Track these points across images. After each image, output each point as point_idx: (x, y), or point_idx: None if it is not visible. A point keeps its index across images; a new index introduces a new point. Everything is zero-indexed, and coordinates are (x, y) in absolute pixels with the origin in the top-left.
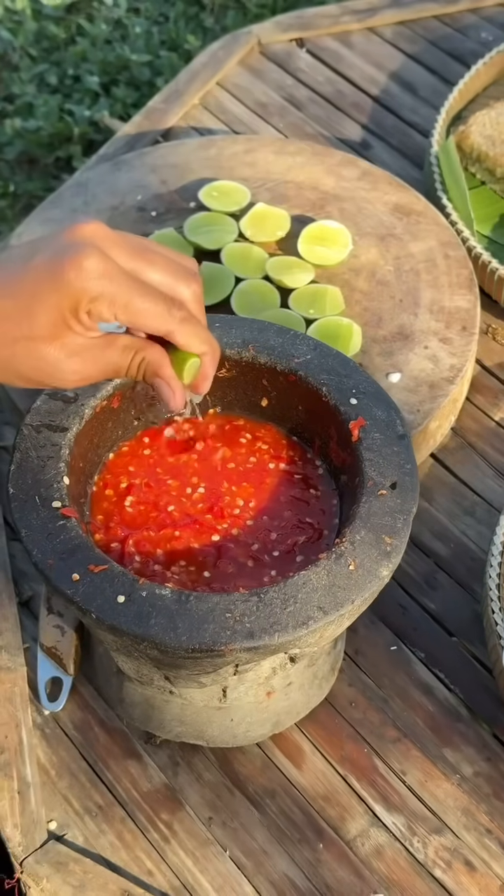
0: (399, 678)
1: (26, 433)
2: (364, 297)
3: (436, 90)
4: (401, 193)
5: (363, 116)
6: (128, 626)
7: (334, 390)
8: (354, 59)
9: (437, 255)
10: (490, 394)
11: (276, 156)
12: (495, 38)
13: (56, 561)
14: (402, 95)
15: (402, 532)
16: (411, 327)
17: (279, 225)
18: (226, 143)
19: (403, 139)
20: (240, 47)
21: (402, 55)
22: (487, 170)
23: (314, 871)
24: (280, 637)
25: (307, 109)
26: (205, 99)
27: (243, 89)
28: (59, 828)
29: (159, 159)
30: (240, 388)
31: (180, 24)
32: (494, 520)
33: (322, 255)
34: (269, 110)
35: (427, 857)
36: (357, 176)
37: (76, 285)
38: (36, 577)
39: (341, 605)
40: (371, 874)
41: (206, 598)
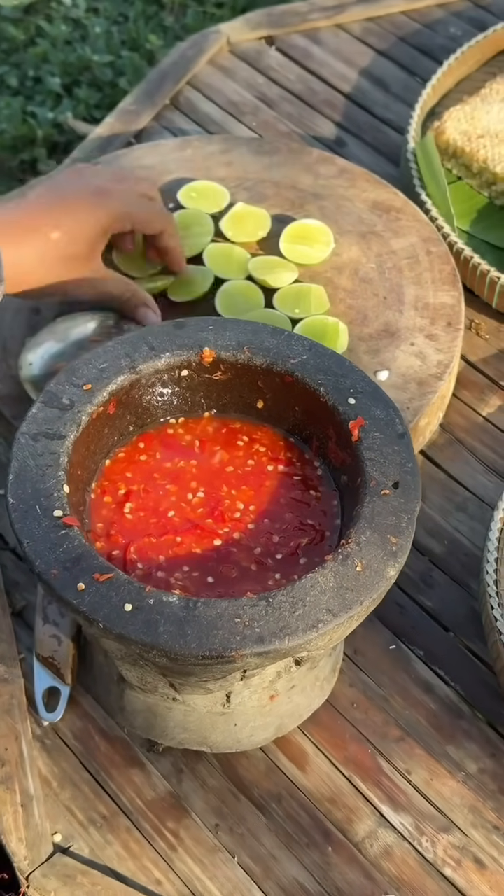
0: (399, 677)
1: (23, 442)
2: (348, 296)
3: (407, 86)
4: (379, 190)
5: (336, 114)
6: (136, 634)
7: (332, 390)
8: (324, 56)
9: (420, 252)
10: (476, 389)
11: (253, 155)
12: (464, 32)
13: (60, 571)
14: (374, 92)
15: (406, 531)
16: (397, 324)
17: (260, 224)
18: (201, 143)
19: (377, 136)
20: (209, 46)
21: (372, 51)
22: (464, 165)
23: (324, 875)
24: (290, 641)
25: (279, 108)
26: (176, 99)
27: (214, 89)
28: (65, 840)
29: (135, 161)
30: (235, 391)
31: (140, 23)
32: (487, 515)
33: (304, 254)
34: (241, 109)
35: (436, 857)
36: (335, 174)
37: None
38: (28, 586)
39: (350, 606)
40: (381, 875)
41: (214, 604)
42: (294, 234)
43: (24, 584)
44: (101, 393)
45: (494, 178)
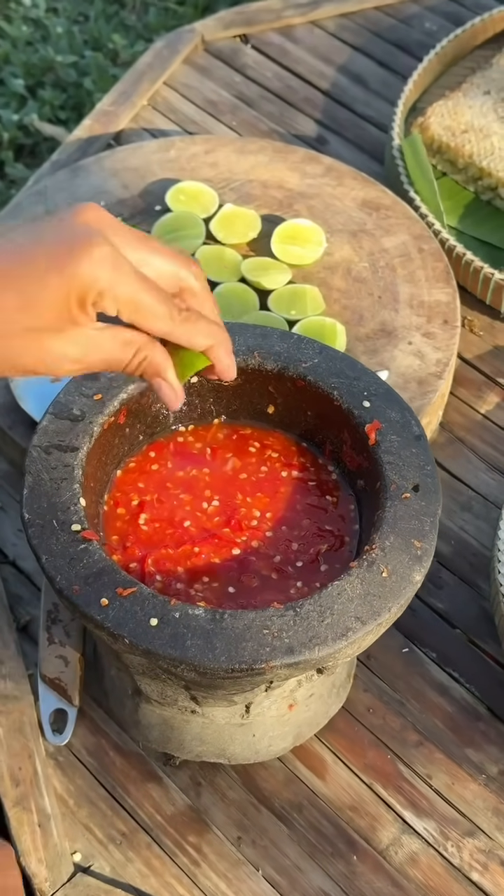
0: (414, 680)
1: (35, 455)
2: (342, 296)
3: (386, 82)
4: (367, 188)
5: (316, 112)
6: (164, 649)
7: (346, 393)
8: (300, 53)
9: (411, 249)
10: (473, 386)
11: (238, 155)
12: (439, 27)
13: (82, 587)
14: (353, 89)
15: (430, 535)
16: (393, 323)
17: (250, 225)
18: (185, 144)
19: (359, 133)
20: (184, 45)
21: (348, 48)
22: (449, 161)
23: (350, 885)
24: (320, 651)
25: (259, 106)
26: (153, 99)
27: (192, 88)
28: (84, 859)
29: (118, 163)
30: (245, 396)
31: (101, 22)
32: (492, 514)
33: (297, 255)
34: (220, 108)
35: (462, 861)
36: (321, 172)
37: (86, 276)
38: (32, 600)
39: (378, 613)
40: (408, 883)
41: (241, 616)
42: (285, 234)
43: (27, 599)
44: (112, 402)
45: (480, 174)
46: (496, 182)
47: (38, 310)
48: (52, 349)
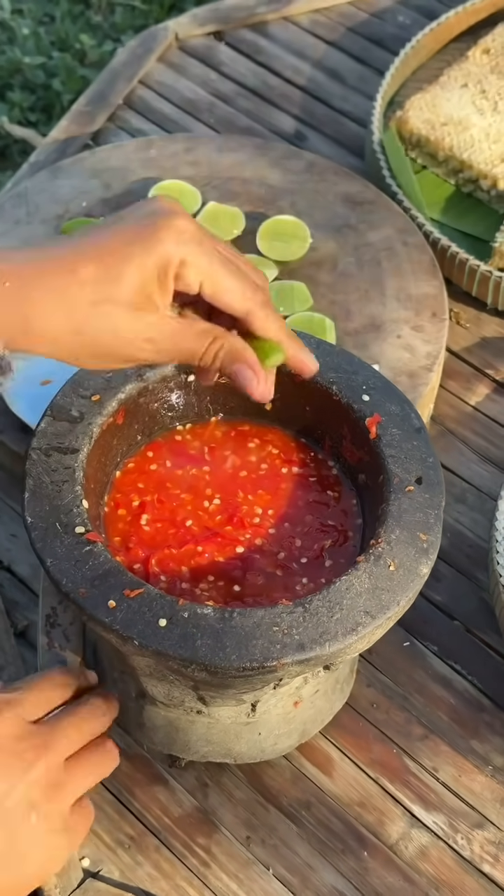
0: (416, 674)
1: (35, 458)
2: (329, 291)
3: (362, 77)
4: (350, 183)
5: (294, 107)
6: (174, 650)
7: (344, 388)
8: (275, 49)
9: (396, 243)
10: (462, 378)
11: (218, 153)
12: (413, 21)
13: (88, 589)
14: (330, 84)
15: (435, 527)
16: (381, 317)
17: (234, 223)
18: (165, 143)
19: (338, 128)
20: (158, 44)
21: (323, 43)
22: (429, 154)
23: (362, 881)
24: (331, 646)
25: (236, 103)
26: (129, 99)
27: (167, 87)
28: (93, 864)
29: (98, 163)
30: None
31: (67, 23)
32: (487, 506)
33: (282, 251)
34: (197, 106)
35: (473, 854)
36: (303, 168)
37: (169, 245)
38: (28, 605)
39: (387, 607)
40: (419, 877)
41: (250, 614)
42: (270, 230)
43: (23, 604)
44: (111, 403)
45: (461, 166)
46: (477, 174)
47: (119, 282)
48: (127, 326)
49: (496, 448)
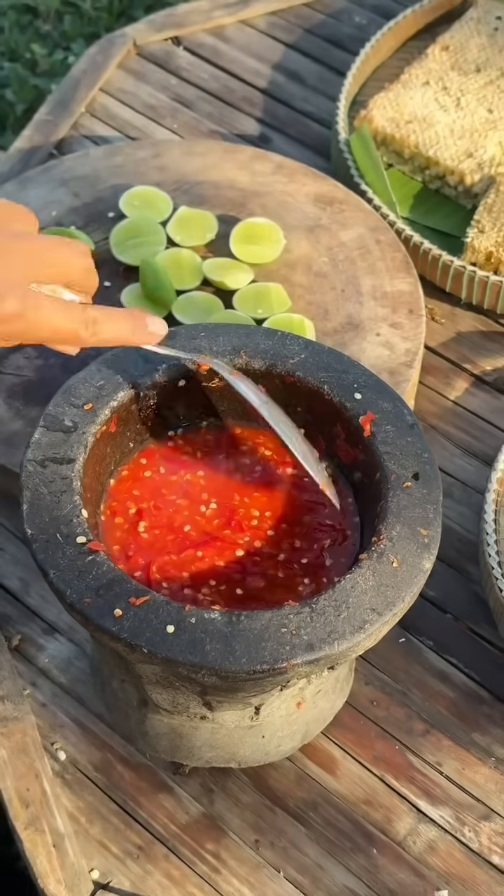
0: (414, 669)
1: (31, 469)
2: (305, 292)
3: (322, 77)
4: (319, 183)
5: (256, 110)
6: (183, 656)
7: (336, 387)
8: (234, 53)
9: (369, 241)
10: (440, 374)
11: (186, 157)
12: (369, 21)
13: (94, 599)
14: (291, 85)
15: (435, 522)
16: (359, 316)
17: (206, 227)
18: (131, 149)
19: (302, 129)
20: (117, 51)
21: (281, 45)
22: (395, 152)
23: (373, 878)
24: (340, 645)
25: (198, 108)
26: (91, 106)
27: (129, 93)
28: (103, 876)
29: (66, 172)
30: (233, 397)
31: (15, 33)
32: (473, 499)
33: (257, 254)
34: (159, 112)
35: (482, 846)
36: (271, 170)
37: None
38: (21, 618)
39: (393, 604)
40: (429, 871)
41: (257, 616)
42: (243, 233)
43: (15, 617)
44: (103, 411)
45: (427, 163)
46: (443, 170)
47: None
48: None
49: (478, 441)
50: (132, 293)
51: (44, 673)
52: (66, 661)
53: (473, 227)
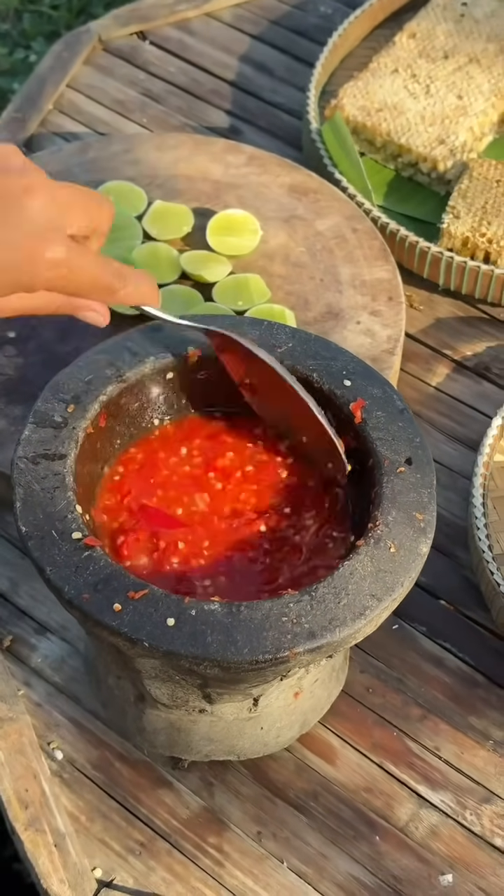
0: (408, 656)
1: (23, 467)
2: (284, 282)
3: (290, 68)
4: (293, 174)
5: (225, 103)
6: (185, 648)
7: (325, 375)
8: (201, 46)
9: (345, 230)
10: (421, 360)
11: (158, 151)
12: (335, 10)
13: (92, 594)
14: (259, 77)
15: (430, 506)
16: (339, 305)
17: (182, 220)
18: (103, 145)
19: (272, 121)
20: (82, 46)
21: (248, 37)
22: (367, 140)
23: (377, 865)
24: (341, 632)
25: (167, 102)
26: (59, 103)
27: (96, 89)
28: (106, 874)
29: None
30: (221, 388)
31: None
32: (459, 484)
33: (234, 245)
34: (128, 107)
35: (484, 829)
36: (244, 162)
37: None
38: (12, 619)
39: (392, 589)
40: (433, 856)
41: (258, 606)
42: (219, 225)
43: (6, 618)
44: (93, 405)
45: (400, 150)
46: (416, 157)
47: None
48: None
49: (461, 427)
50: None
51: (37, 673)
52: (58, 659)
53: (449, 213)
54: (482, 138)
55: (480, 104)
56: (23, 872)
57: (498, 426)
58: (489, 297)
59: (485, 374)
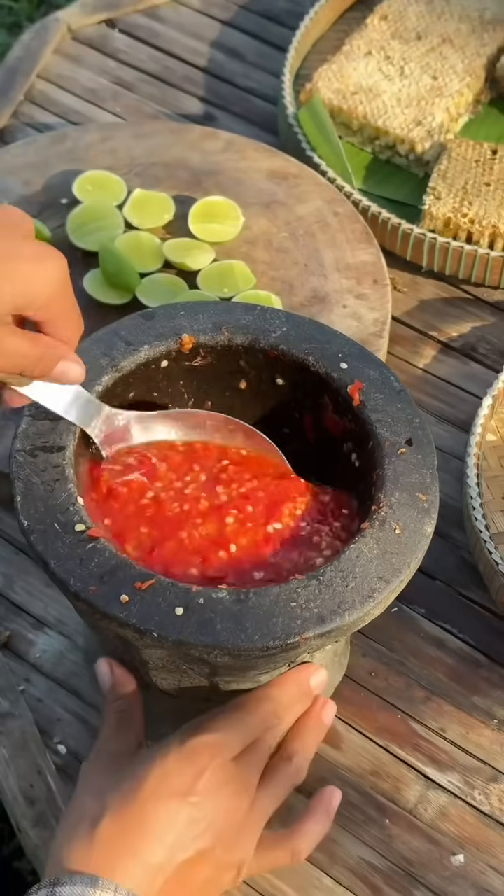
0: (409, 638)
1: (21, 460)
2: (268, 268)
3: (262, 53)
4: (272, 159)
5: (198, 89)
6: (195, 637)
7: (321, 358)
8: (171, 33)
9: (327, 214)
10: (408, 343)
11: (135, 139)
12: None
13: (98, 586)
14: (231, 63)
15: (432, 486)
16: (324, 289)
17: (164, 208)
18: (79, 134)
19: (246, 106)
20: (51, 36)
21: (218, 23)
22: (343, 123)
23: (388, 848)
24: (350, 615)
25: (139, 90)
26: (30, 94)
27: (67, 78)
28: None
29: (13, 160)
30: (217, 375)
31: None
32: (452, 465)
33: (216, 232)
34: (100, 96)
35: (493, 808)
36: (222, 148)
37: None
38: (8, 615)
39: (399, 570)
40: (443, 836)
41: (265, 592)
42: (201, 212)
43: (2, 614)
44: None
45: (377, 133)
46: (394, 139)
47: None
48: None
49: (451, 408)
50: (94, 279)
51: (36, 668)
52: (57, 654)
53: (429, 195)
54: (458, 119)
55: (455, 84)
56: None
57: (489, 406)
58: (472, 278)
59: (471, 355)
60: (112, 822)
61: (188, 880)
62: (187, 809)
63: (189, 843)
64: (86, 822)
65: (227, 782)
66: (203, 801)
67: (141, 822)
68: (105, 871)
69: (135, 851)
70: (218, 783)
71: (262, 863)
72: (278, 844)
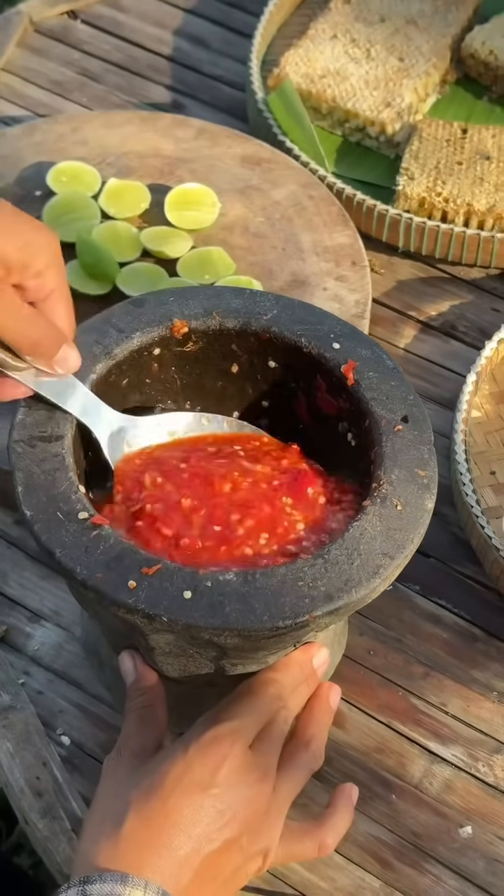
0: (405, 615)
1: (20, 450)
2: (247, 253)
3: (226, 40)
4: (244, 145)
5: (165, 78)
6: (204, 620)
7: (313, 339)
8: (134, 22)
9: (302, 198)
10: (388, 324)
11: (106, 129)
12: None
13: (105, 573)
14: (196, 51)
15: (431, 462)
16: (303, 272)
17: (139, 197)
18: (49, 126)
19: (214, 94)
20: (13, 28)
21: (180, 11)
22: (312, 107)
23: (396, 823)
24: (357, 592)
25: (106, 80)
26: None
27: (32, 71)
28: None
29: None
30: (208, 359)
31: None
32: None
33: (193, 219)
34: (66, 87)
35: (498, 779)
36: (193, 135)
37: None
38: (3, 608)
39: (403, 546)
40: (449, 809)
41: (272, 573)
42: (177, 200)
43: None
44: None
45: (347, 116)
46: (364, 122)
47: None
48: None
49: (434, 386)
50: (72, 270)
51: (35, 661)
52: (56, 646)
53: (403, 175)
54: (426, 99)
55: (422, 65)
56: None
57: (472, 382)
58: (449, 257)
59: (451, 333)
60: (137, 819)
61: (216, 871)
62: (211, 801)
63: (215, 834)
64: (110, 820)
65: (248, 771)
66: (225, 792)
67: (166, 817)
68: (133, 868)
69: (162, 846)
70: (238, 772)
71: (289, 853)
72: (306, 836)
